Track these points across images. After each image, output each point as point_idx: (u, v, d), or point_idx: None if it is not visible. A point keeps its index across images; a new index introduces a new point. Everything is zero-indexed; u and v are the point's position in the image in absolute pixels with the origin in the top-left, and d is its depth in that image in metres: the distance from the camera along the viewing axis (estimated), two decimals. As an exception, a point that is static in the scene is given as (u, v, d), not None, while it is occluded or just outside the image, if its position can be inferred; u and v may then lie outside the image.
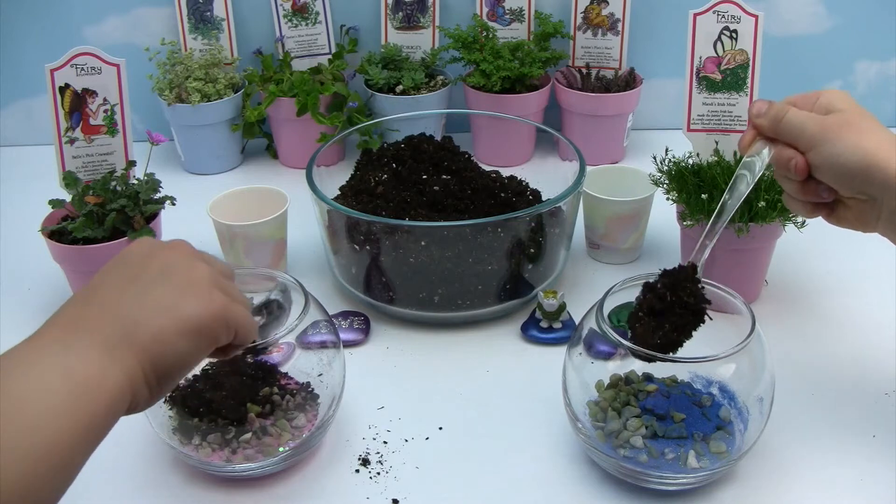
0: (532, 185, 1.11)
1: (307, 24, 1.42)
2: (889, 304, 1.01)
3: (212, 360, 0.61)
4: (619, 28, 1.36)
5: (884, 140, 0.69)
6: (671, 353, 0.72)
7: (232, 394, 0.76)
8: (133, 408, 0.53)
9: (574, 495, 0.77)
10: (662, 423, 0.74)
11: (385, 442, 0.84)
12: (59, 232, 1.01)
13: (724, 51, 1.04)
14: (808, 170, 0.72)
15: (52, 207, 1.02)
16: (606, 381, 0.79)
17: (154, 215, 1.02)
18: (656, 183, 1.01)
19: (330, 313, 0.85)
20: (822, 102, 0.74)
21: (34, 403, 0.47)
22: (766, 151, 0.75)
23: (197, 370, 0.80)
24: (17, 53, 1.42)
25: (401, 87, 1.36)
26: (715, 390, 0.79)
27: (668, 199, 0.99)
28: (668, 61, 1.40)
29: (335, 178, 1.11)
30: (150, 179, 1.03)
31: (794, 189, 0.76)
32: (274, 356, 0.82)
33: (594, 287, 1.05)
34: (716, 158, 1.00)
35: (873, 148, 0.68)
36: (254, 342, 0.77)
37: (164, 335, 0.53)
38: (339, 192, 1.09)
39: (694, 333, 0.73)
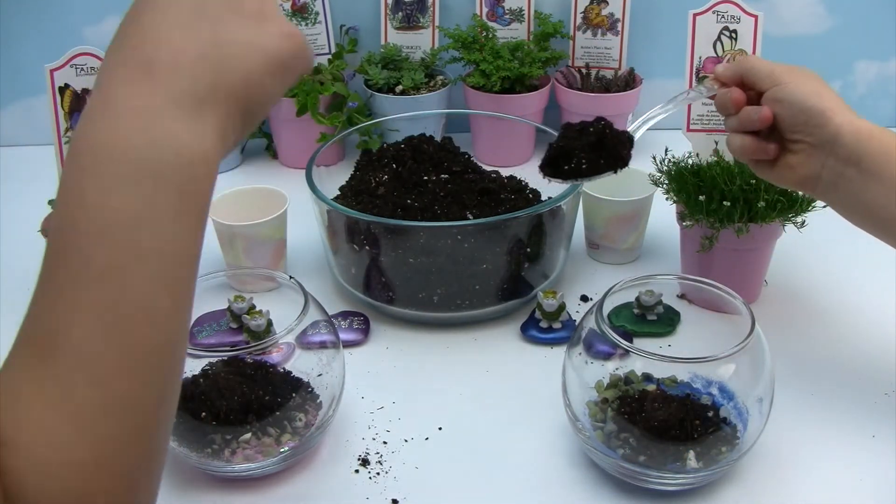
0: (532, 185, 1.11)
1: (307, 24, 1.42)
2: (889, 304, 1.01)
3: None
4: (619, 28, 1.36)
5: (842, 103, 0.77)
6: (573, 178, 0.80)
7: (231, 394, 0.76)
8: (224, 149, 0.47)
9: (574, 495, 0.77)
10: (662, 424, 0.74)
11: (385, 442, 0.84)
12: (59, 232, 1.01)
13: (723, 51, 1.04)
14: (771, 117, 0.78)
15: (52, 207, 1.02)
16: (606, 381, 0.79)
17: (154, 215, 1.02)
18: (656, 183, 1.01)
19: (330, 313, 0.85)
20: (795, 67, 0.82)
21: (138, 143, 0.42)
22: (711, 88, 0.83)
23: (197, 370, 0.80)
24: (16, 53, 1.42)
25: (400, 87, 1.36)
26: (714, 390, 0.79)
27: (667, 199, 0.99)
28: (668, 61, 1.39)
29: (335, 179, 1.11)
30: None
31: (746, 143, 0.81)
32: (273, 356, 0.82)
33: (594, 287, 1.06)
34: (715, 159, 1.00)
35: (832, 101, 0.77)
36: (252, 343, 0.78)
37: (252, 76, 0.46)
38: (338, 193, 1.09)
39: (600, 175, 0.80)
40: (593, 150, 0.80)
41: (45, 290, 0.43)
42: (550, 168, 0.81)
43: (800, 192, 0.94)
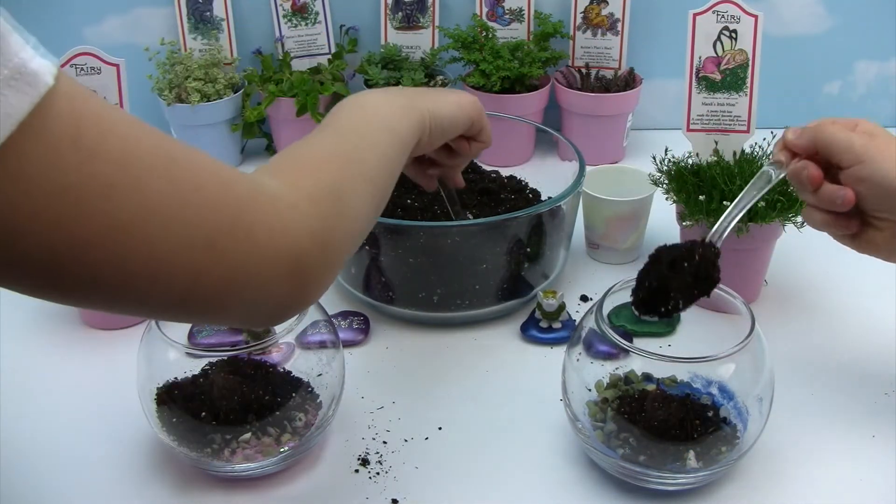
0: (532, 185, 1.11)
1: (307, 24, 1.42)
2: (889, 304, 1.01)
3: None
4: (619, 28, 1.36)
5: None
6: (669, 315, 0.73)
7: (231, 394, 0.76)
8: (420, 141, 0.76)
9: (574, 495, 0.77)
10: (662, 424, 0.74)
11: (384, 442, 0.84)
12: (59, 232, 1.01)
13: (723, 51, 1.04)
14: (854, 199, 0.73)
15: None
16: (606, 381, 0.79)
17: (154, 215, 1.02)
18: (656, 183, 1.01)
19: (329, 313, 0.85)
20: (862, 128, 0.75)
21: (384, 110, 0.73)
22: (782, 163, 0.76)
23: (196, 370, 0.80)
24: (16, 53, 1.41)
25: (401, 86, 1.36)
26: (714, 390, 0.79)
27: (667, 199, 0.99)
28: (668, 61, 1.40)
29: (335, 178, 1.11)
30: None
31: (828, 220, 0.76)
32: (273, 356, 0.82)
33: (594, 287, 1.06)
34: (715, 158, 1.00)
35: None
36: (252, 343, 0.78)
37: (441, 103, 0.79)
38: (338, 192, 1.09)
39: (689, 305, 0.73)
40: (688, 284, 0.72)
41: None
42: (645, 307, 0.73)
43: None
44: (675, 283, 0.71)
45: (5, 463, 0.81)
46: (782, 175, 0.76)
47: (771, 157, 0.78)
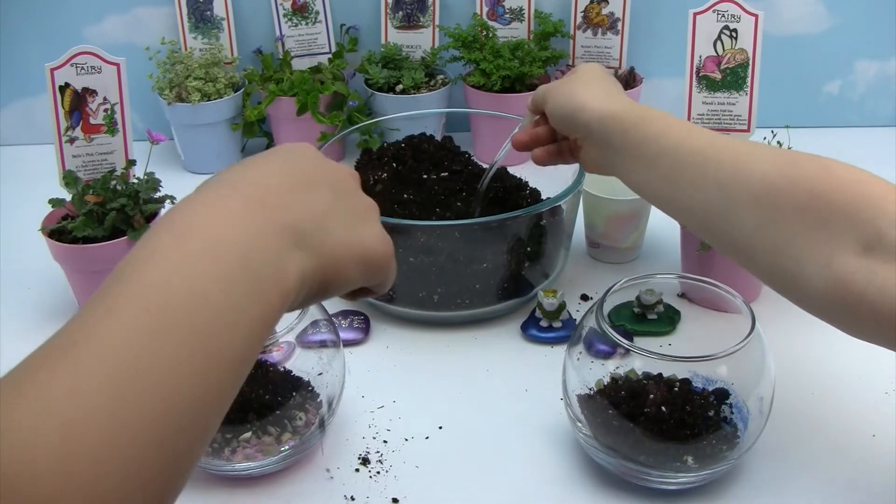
0: (532, 185, 1.11)
1: (307, 24, 1.42)
2: (889, 303, 1.01)
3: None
4: (619, 27, 1.36)
5: (598, 91, 0.82)
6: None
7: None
8: (289, 306, 0.47)
9: (574, 495, 0.77)
10: (662, 423, 0.74)
11: (385, 441, 0.84)
12: (59, 231, 1.01)
13: (724, 50, 1.04)
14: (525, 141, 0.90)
15: (52, 206, 1.02)
16: (606, 381, 0.79)
17: (154, 214, 1.02)
18: (656, 182, 1.01)
19: (330, 312, 0.85)
20: (572, 70, 0.88)
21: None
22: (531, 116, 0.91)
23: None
24: (17, 53, 1.42)
25: (401, 86, 1.36)
26: (714, 389, 0.79)
27: (668, 198, 0.99)
28: (668, 61, 1.40)
29: (335, 178, 1.11)
30: (150, 179, 1.03)
31: (544, 153, 0.90)
32: (274, 355, 0.82)
33: (594, 286, 1.06)
34: (716, 158, 1.00)
35: (587, 95, 0.81)
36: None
37: (341, 255, 0.50)
38: (339, 192, 1.09)
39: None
40: None
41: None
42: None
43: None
44: None
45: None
46: (524, 126, 0.92)
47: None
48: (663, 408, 0.74)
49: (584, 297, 1.04)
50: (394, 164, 1.08)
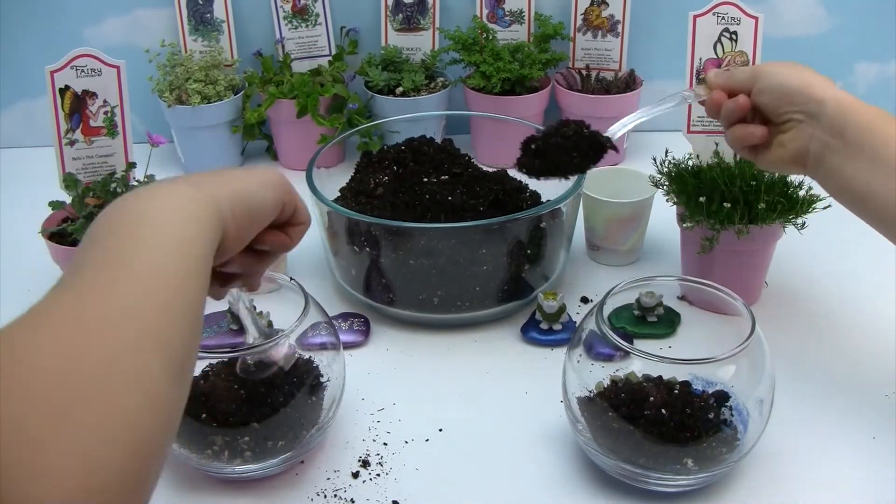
0: (532, 187, 1.11)
1: (307, 26, 1.42)
2: (889, 305, 1.01)
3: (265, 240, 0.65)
4: (619, 30, 1.36)
5: (825, 79, 0.81)
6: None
7: (232, 395, 0.76)
8: (224, 242, 0.57)
9: (574, 497, 0.77)
10: (662, 425, 0.74)
11: (385, 443, 0.84)
12: (60, 234, 1.01)
13: (724, 52, 1.04)
14: (748, 103, 0.82)
15: (53, 209, 1.02)
16: (606, 383, 0.79)
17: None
18: (656, 185, 1.01)
19: (330, 315, 0.85)
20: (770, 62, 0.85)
21: (164, 215, 0.52)
22: (700, 94, 0.86)
23: (197, 370, 0.80)
24: (17, 55, 1.42)
25: (401, 88, 1.36)
26: (714, 392, 0.79)
27: (667, 200, 0.99)
28: (669, 63, 1.39)
29: (335, 180, 1.11)
30: (150, 181, 1.03)
31: (736, 132, 0.84)
32: (274, 357, 0.81)
33: (594, 289, 1.06)
34: (716, 160, 1.00)
35: (814, 78, 0.80)
36: (252, 345, 0.78)
37: (242, 182, 0.60)
38: (339, 194, 1.09)
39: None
40: (570, 149, 0.85)
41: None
42: (526, 165, 0.87)
43: (799, 193, 0.94)
44: (557, 143, 0.84)
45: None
46: (691, 101, 0.88)
47: (693, 88, 0.88)
48: (663, 410, 0.74)
49: (584, 300, 1.04)
50: (394, 167, 1.08)
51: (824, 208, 0.93)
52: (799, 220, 0.94)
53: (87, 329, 0.43)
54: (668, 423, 0.74)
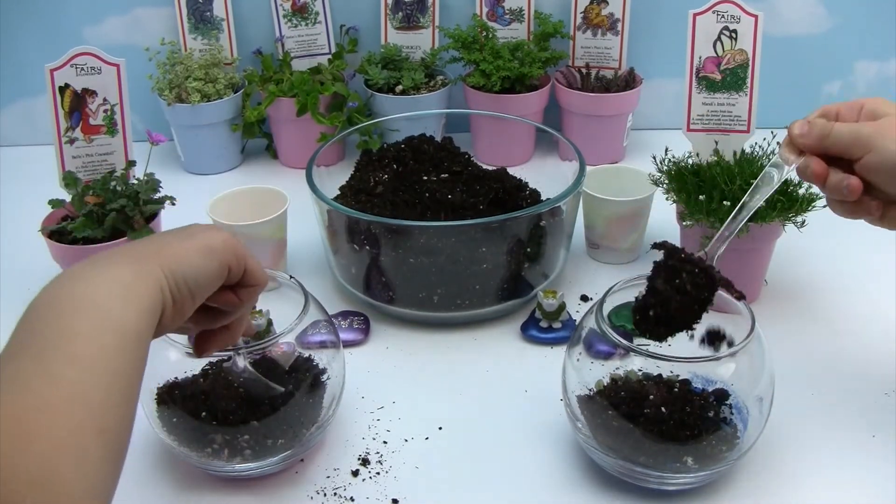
0: (532, 185, 1.11)
1: (307, 24, 1.42)
2: (889, 304, 1.01)
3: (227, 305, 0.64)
4: (619, 28, 1.36)
5: None
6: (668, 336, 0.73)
7: (231, 393, 0.76)
8: (164, 317, 0.56)
9: (573, 495, 0.77)
10: (662, 424, 0.74)
11: (385, 442, 0.84)
12: (59, 232, 1.01)
13: (723, 51, 1.04)
14: (861, 187, 0.71)
15: (52, 207, 1.02)
16: (606, 381, 0.79)
17: (154, 215, 1.02)
18: (656, 183, 1.01)
19: (330, 313, 0.85)
20: (868, 109, 0.74)
21: (101, 295, 0.52)
22: (792, 163, 0.75)
23: (197, 370, 0.80)
24: (16, 53, 1.42)
25: (400, 87, 1.36)
26: (714, 390, 0.79)
27: (667, 199, 0.99)
28: (668, 61, 1.40)
29: (335, 178, 1.11)
30: (149, 179, 1.03)
31: (846, 209, 0.75)
32: (274, 356, 0.81)
33: (594, 287, 1.06)
34: (715, 158, 1.00)
35: None
36: (253, 343, 0.78)
37: (181, 252, 0.58)
38: (339, 192, 1.09)
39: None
40: (691, 304, 0.73)
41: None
42: (651, 333, 0.75)
43: (800, 192, 0.94)
44: (677, 311, 0.72)
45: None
46: (786, 175, 0.76)
47: (777, 153, 0.77)
48: (663, 409, 0.74)
49: (584, 298, 1.04)
50: (394, 166, 1.08)
51: (824, 206, 0.93)
52: (799, 219, 0.94)
53: (33, 420, 0.45)
54: (667, 421, 0.74)
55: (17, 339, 0.50)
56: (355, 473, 0.80)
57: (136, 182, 1.03)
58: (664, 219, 1.08)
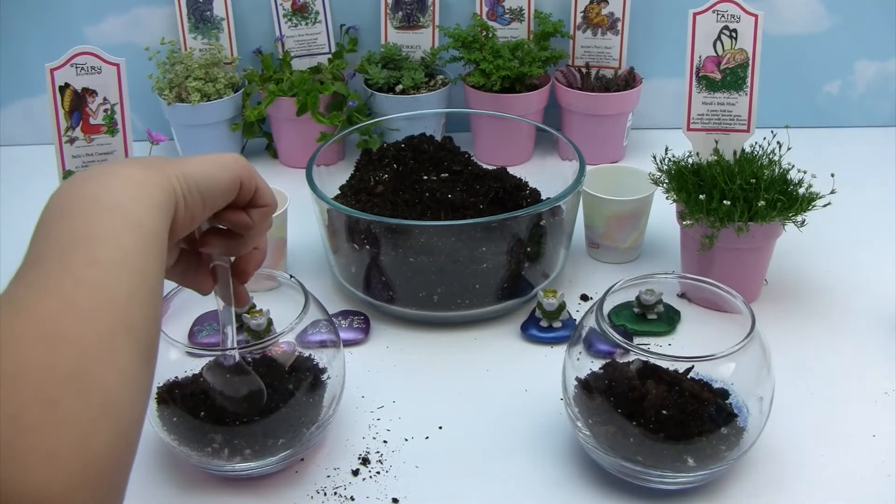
0: (532, 185, 1.11)
1: (307, 24, 1.42)
2: (889, 303, 1.01)
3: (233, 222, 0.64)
4: (619, 27, 1.36)
5: None
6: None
7: (231, 393, 0.76)
8: (177, 216, 0.56)
9: (574, 495, 0.77)
10: (662, 423, 0.74)
11: (385, 441, 0.84)
12: (59, 231, 1.01)
13: (723, 50, 1.04)
14: None
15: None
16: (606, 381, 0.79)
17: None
18: (656, 182, 1.01)
19: (330, 313, 0.85)
20: None
21: (115, 193, 0.52)
22: None
23: (197, 369, 0.80)
24: (17, 53, 1.42)
25: (400, 86, 1.36)
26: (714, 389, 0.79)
27: (667, 198, 0.99)
28: (668, 61, 1.40)
29: (335, 178, 1.11)
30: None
31: None
32: (273, 355, 0.81)
33: (594, 286, 1.06)
34: (715, 158, 1.00)
35: None
36: (253, 343, 0.78)
37: (193, 162, 0.59)
38: (339, 192, 1.09)
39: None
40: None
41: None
42: None
43: (799, 191, 0.94)
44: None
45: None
46: None
47: None
48: (663, 408, 0.74)
49: (584, 298, 1.04)
50: (394, 165, 1.08)
51: (824, 206, 0.93)
52: (799, 218, 0.94)
53: (62, 321, 0.45)
54: (667, 420, 0.74)
55: (36, 245, 0.51)
56: (355, 473, 0.80)
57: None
58: (664, 218, 1.08)
